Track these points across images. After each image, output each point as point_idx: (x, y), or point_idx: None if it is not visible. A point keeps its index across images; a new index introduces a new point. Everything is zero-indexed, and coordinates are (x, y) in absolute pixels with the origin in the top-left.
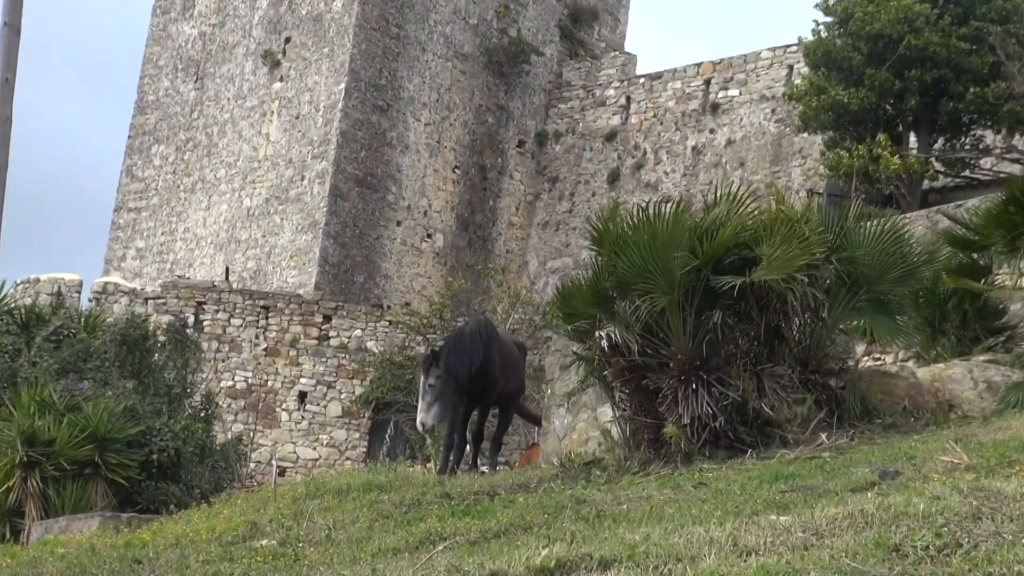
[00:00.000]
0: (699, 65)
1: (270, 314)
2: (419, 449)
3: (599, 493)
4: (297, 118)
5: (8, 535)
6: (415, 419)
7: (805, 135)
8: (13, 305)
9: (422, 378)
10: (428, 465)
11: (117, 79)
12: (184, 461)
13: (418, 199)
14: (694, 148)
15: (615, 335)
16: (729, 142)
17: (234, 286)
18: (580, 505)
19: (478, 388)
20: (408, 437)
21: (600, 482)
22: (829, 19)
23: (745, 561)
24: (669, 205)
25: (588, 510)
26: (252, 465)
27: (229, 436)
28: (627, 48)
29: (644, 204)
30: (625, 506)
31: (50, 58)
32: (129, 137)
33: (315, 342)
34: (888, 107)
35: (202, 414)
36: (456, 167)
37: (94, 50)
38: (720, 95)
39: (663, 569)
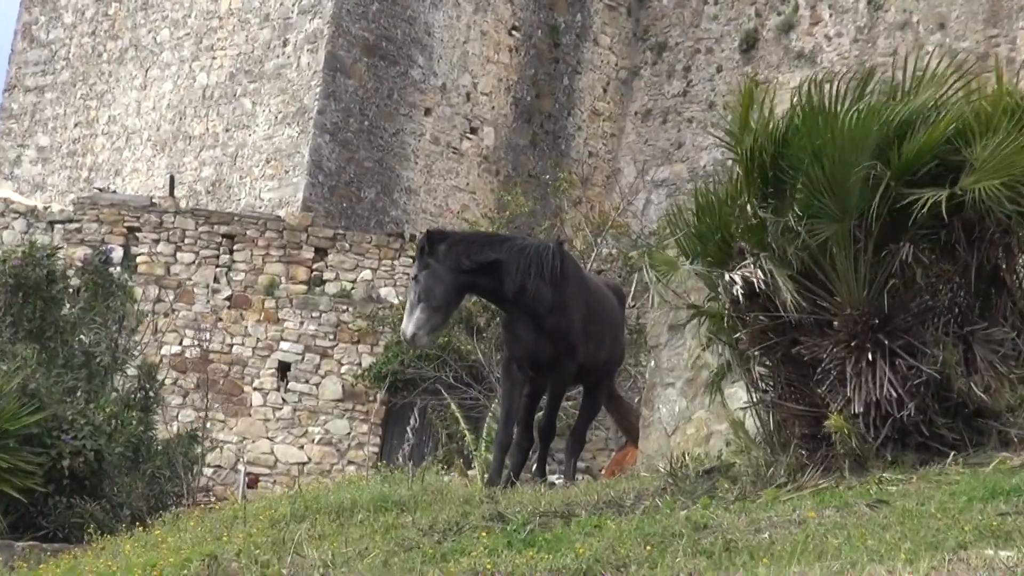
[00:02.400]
0: None
1: (236, 247)
2: (458, 448)
3: (728, 515)
4: None
5: None
6: (451, 401)
7: None
8: None
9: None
10: (471, 472)
11: None
12: (109, 467)
13: (457, 76)
14: (871, 1)
15: (755, 278)
16: None
17: (183, 205)
18: (699, 532)
19: (546, 353)
20: (440, 430)
21: (729, 499)
22: None
23: None
24: (847, 84)
25: (711, 540)
26: (210, 472)
27: (176, 430)
28: None
29: (807, 81)
30: (767, 534)
31: None
32: None
33: (303, 288)
34: None
35: (137, 397)
36: (514, 28)
37: None
38: None
39: None
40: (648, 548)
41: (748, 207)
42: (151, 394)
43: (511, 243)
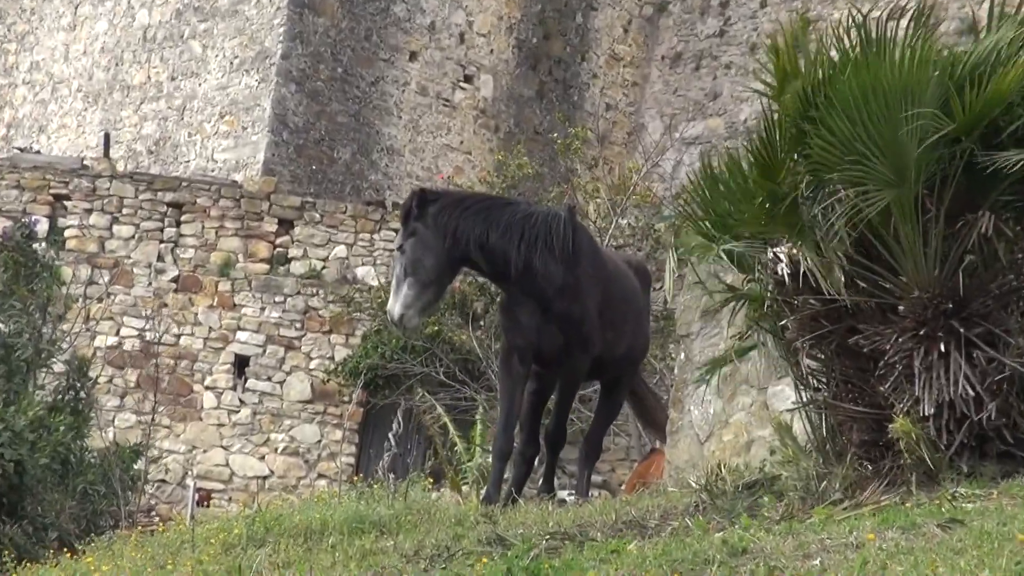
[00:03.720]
0: None
1: (184, 218)
2: (450, 458)
3: (771, 537)
4: None
5: None
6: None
7: None
8: None
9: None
10: (467, 487)
11: None
12: (32, 482)
13: (449, 13)
14: None
15: (803, 256)
16: None
17: (120, 168)
18: (737, 559)
19: (554, 343)
20: (431, 435)
21: (774, 518)
22: None
23: None
24: (903, 22)
25: (751, 567)
26: (153, 487)
27: (113, 437)
28: None
29: (859, 18)
30: (818, 560)
31: None
32: None
33: (265, 268)
34: None
35: (66, 398)
36: None
37: None
38: None
39: None
40: None
41: (793, 174)
42: (83, 395)
43: (515, 208)
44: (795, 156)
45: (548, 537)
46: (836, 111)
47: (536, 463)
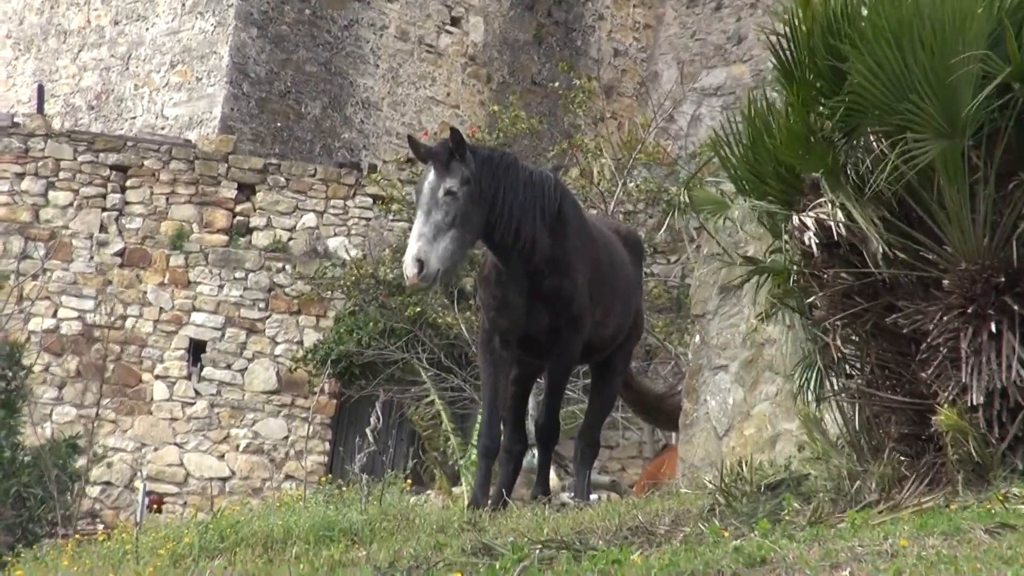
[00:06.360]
0: None
1: (131, 183)
2: (440, 457)
3: (795, 545)
4: None
5: None
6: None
7: None
8: None
9: (430, 178)
10: (458, 489)
11: None
12: None
13: None
14: None
15: (833, 221)
16: None
17: (56, 125)
18: (755, 569)
19: (541, 325)
20: (411, 432)
21: (800, 523)
22: None
23: None
24: None
25: None
26: (96, 490)
27: (50, 433)
28: None
29: None
30: (847, 571)
31: None
32: None
33: (223, 239)
34: None
35: None
36: None
37: None
38: None
39: None
40: None
41: (815, 121)
42: (15, 385)
43: (517, 169)
44: (826, 107)
45: (541, 546)
46: (876, 52)
47: (526, 459)
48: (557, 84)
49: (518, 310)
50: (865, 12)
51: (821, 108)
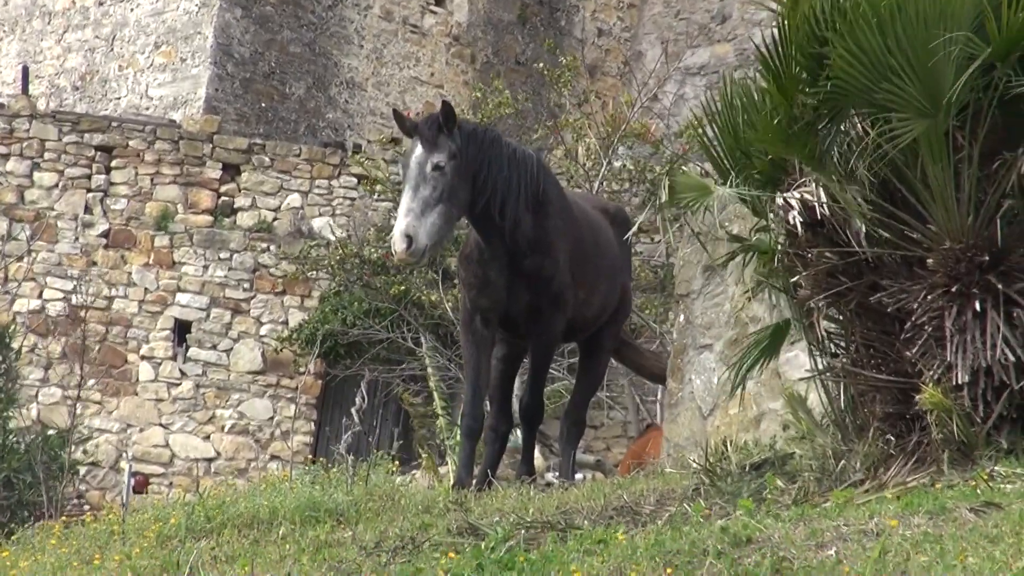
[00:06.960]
0: None
1: (115, 163)
2: (421, 436)
3: (780, 524)
4: None
5: None
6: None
7: None
8: None
9: (417, 153)
10: (445, 469)
11: None
12: None
13: None
14: None
15: (818, 201)
16: None
17: (41, 106)
18: (740, 549)
19: (522, 304)
20: (397, 412)
21: (784, 502)
22: None
23: None
24: None
25: (756, 559)
26: (82, 471)
27: (36, 415)
28: None
29: None
30: (832, 551)
31: None
32: None
33: (207, 220)
34: None
35: None
36: None
37: None
38: None
39: None
40: (669, 571)
41: (800, 100)
42: (4, 368)
43: (501, 145)
44: (810, 87)
45: (527, 526)
46: (862, 33)
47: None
48: (542, 65)
49: (499, 289)
50: None
51: (803, 97)
